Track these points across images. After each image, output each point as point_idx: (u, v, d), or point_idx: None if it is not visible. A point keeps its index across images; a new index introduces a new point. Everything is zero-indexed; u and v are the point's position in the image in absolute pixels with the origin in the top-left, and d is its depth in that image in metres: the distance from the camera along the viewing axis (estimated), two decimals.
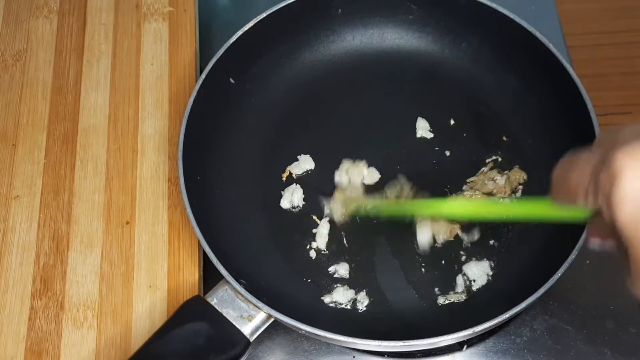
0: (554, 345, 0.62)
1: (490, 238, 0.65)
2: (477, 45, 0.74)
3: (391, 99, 0.74)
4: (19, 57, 0.76)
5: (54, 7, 0.79)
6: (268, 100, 0.74)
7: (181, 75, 0.74)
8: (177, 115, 0.72)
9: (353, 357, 0.63)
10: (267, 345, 0.63)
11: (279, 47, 0.74)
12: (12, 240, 0.66)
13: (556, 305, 0.64)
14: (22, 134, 0.71)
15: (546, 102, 0.69)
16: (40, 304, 0.62)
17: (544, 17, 0.81)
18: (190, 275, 0.64)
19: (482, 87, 0.73)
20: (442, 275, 0.64)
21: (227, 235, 0.65)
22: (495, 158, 0.70)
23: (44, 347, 0.61)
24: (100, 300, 0.63)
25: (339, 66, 0.76)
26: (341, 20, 0.75)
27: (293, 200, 0.68)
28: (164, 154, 0.70)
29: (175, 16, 0.78)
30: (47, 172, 0.69)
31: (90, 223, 0.66)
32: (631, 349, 0.61)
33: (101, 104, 0.73)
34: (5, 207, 0.67)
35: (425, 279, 0.64)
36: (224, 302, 0.58)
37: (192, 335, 0.56)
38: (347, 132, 0.72)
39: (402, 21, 0.76)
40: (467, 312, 0.62)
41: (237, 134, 0.71)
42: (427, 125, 0.72)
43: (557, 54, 0.66)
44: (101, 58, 0.76)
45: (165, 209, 0.67)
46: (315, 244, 0.66)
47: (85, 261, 0.64)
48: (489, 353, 0.62)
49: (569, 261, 0.56)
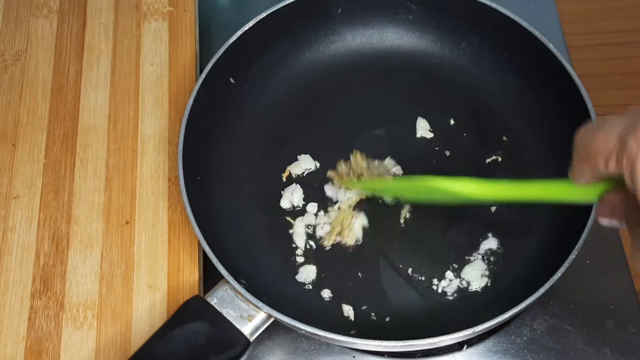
0: (554, 345, 0.62)
1: (489, 237, 0.65)
2: (477, 45, 0.74)
3: (391, 99, 0.74)
4: (19, 57, 0.76)
5: (54, 7, 0.79)
6: (268, 100, 0.74)
7: (181, 75, 0.74)
8: (177, 115, 0.72)
9: (353, 357, 0.63)
10: (267, 345, 0.63)
11: (279, 47, 0.74)
12: (12, 240, 0.66)
13: (556, 305, 0.64)
14: (22, 133, 0.71)
15: (546, 102, 0.69)
16: (40, 303, 0.62)
17: (544, 17, 0.81)
18: (190, 275, 0.64)
19: (482, 87, 0.73)
20: (442, 275, 0.64)
21: (227, 235, 0.65)
22: (495, 158, 0.70)
23: (43, 347, 0.61)
24: (100, 300, 0.63)
25: (339, 66, 0.76)
26: (341, 20, 0.75)
27: (293, 200, 0.68)
28: (164, 154, 0.70)
29: (175, 16, 0.78)
30: (47, 172, 0.69)
31: (90, 223, 0.66)
32: (631, 349, 0.61)
33: (101, 103, 0.73)
34: (5, 207, 0.67)
35: (425, 278, 0.64)
36: (224, 302, 0.58)
37: (192, 335, 0.56)
38: (347, 132, 0.72)
39: (402, 21, 0.76)
40: (467, 312, 0.62)
41: (237, 134, 0.71)
42: (427, 125, 0.72)
43: (557, 54, 0.66)
44: (101, 58, 0.76)
45: (165, 208, 0.67)
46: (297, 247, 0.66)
47: (85, 261, 0.64)
48: (489, 353, 0.62)
49: (569, 261, 0.56)
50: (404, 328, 0.61)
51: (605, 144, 0.39)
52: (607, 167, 0.40)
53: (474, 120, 0.72)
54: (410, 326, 0.62)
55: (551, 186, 0.49)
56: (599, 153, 0.40)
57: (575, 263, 0.57)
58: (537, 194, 0.50)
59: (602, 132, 0.40)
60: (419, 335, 0.55)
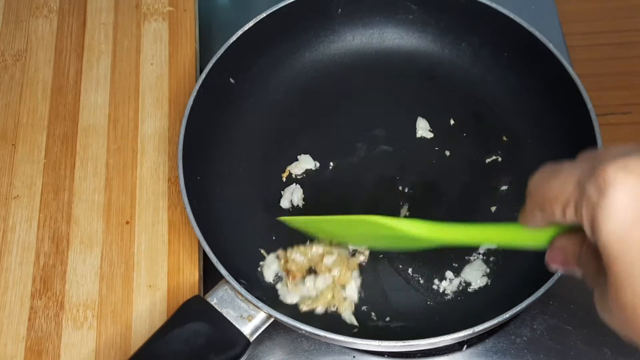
0: (554, 345, 0.62)
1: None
2: (477, 45, 0.74)
3: (391, 99, 0.74)
4: (19, 56, 0.76)
5: (54, 6, 0.79)
6: (268, 100, 0.74)
7: (181, 75, 0.74)
8: (177, 115, 0.72)
9: (353, 357, 0.63)
10: (267, 345, 0.63)
11: (279, 47, 0.74)
12: (12, 240, 0.66)
13: (556, 305, 0.64)
14: (22, 133, 0.71)
15: (546, 102, 0.69)
16: (40, 303, 0.62)
17: (544, 17, 0.81)
18: (190, 275, 0.64)
19: (482, 87, 0.73)
20: (443, 275, 0.64)
21: (227, 235, 0.65)
22: (495, 158, 0.70)
23: (43, 347, 0.61)
24: (100, 300, 0.63)
25: (339, 66, 0.76)
26: (341, 20, 0.75)
27: (293, 200, 0.68)
28: (164, 154, 0.70)
29: (175, 16, 0.78)
30: (47, 172, 0.69)
31: (90, 223, 0.66)
32: (631, 349, 0.61)
33: (101, 103, 0.73)
34: (5, 207, 0.67)
35: (426, 278, 0.64)
36: (224, 302, 0.58)
37: (192, 335, 0.56)
38: (347, 132, 0.72)
39: (402, 21, 0.76)
40: (467, 312, 0.62)
41: (237, 134, 0.71)
42: (427, 125, 0.72)
43: (557, 54, 0.66)
44: (101, 58, 0.76)
45: (165, 208, 0.67)
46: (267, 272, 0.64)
47: (85, 261, 0.64)
48: (489, 353, 0.62)
49: None
50: (404, 328, 0.61)
51: (562, 190, 0.36)
52: (565, 215, 0.36)
53: (474, 120, 0.72)
54: (410, 326, 0.62)
55: (500, 230, 0.47)
56: (555, 200, 0.37)
57: None
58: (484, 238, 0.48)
59: (558, 178, 0.37)
60: (419, 335, 0.55)
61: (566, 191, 0.36)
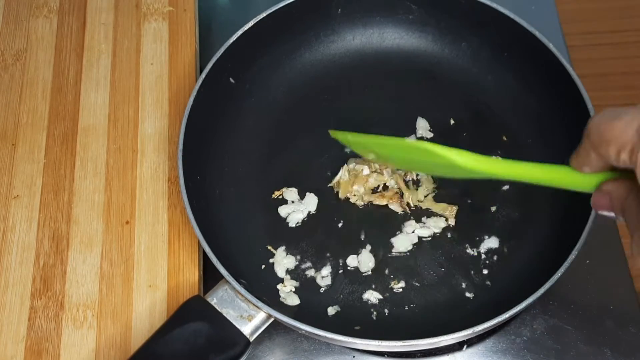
0: (554, 345, 0.62)
1: (490, 237, 0.65)
2: (477, 45, 0.74)
3: (391, 98, 0.74)
4: (19, 56, 0.76)
5: (54, 6, 0.79)
6: (268, 100, 0.74)
7: (181, 75, 0.74)
8: (177, 115, 0.72)
9: (353, 357, 0.63)
10: (267, 345, 0.63)
11: (279, 47, 0.74)
12: (12, 240, 0.66)
13: (556, 305, 0.64)
14: (22, 133, 0.71)
15: (546, 102, 0.69)
16: (40, 303, 0.62)
17: (544, 17, 0.81)
18: (190, 275, 0.64)
19: (482, 87, 0.73)
20: (442, 275, 0.64)
21: (227, 235, 0.65)
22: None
23: (43, 346, 0.61)
24: (100, 300, 0.63)
25: (339, 66, 0.76)
26: (341, 20, 0.75)
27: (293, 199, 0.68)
28: (164, 154, 0.70)
29: (175, 16, 0.78)
30: (46, 172, 0.69)
31: (90, 223, 0.66)
32: (631, 349, 0.61)
33: (101, 103, 0.73)
34: (5, 207, 0.67)
35: (425, 278, 0.64)
36: (224, 302, 0.58)
37: (192, 335, 0.56)
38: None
39: (402, 21, 0.76)
40: (467, 312, 0.62)
41: (237, 134, 0.71)
42: (427, 125, 0.72)
43: (557, 54, 0.66)
44: (101, 58, 0.76)
45: (165, 208, 0.67)
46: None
47: (85, 261, 0.64)
48: (489, 353, 0.62)
49: (569, 261, 0.56)
50: (404, 328, 0.61)
51: (622, 134, 0.38)
52: (619, 158, 0.38)
53: (474, 120, 0.72)
54: (410, 326, 0.62)
55: (549, 169, 0.47)
56: (612, 141, 0.38)
57: (575, 263, 0.57)
58: (533, 175, 0.49)
59: (620, 122, 0.38)
60: (419, 335, 0.55)
61: (625, 135, 0.37)
